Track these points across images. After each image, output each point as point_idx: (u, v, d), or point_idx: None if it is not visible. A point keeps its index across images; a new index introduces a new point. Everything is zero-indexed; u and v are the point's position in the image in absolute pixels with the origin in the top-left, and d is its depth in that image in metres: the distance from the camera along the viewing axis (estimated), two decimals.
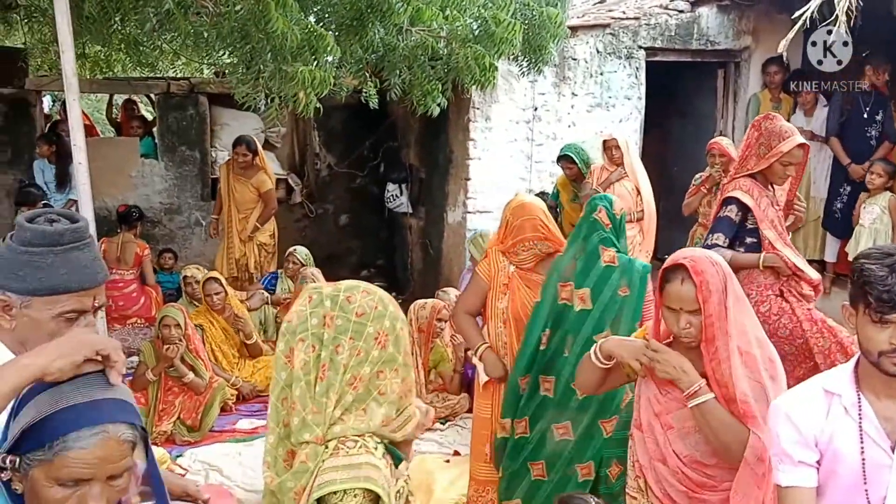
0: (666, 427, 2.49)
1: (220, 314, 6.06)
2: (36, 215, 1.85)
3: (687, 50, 7.61)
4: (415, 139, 8.66)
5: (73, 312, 1.82)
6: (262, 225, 7.52)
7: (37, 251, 1.77)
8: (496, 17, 4.90)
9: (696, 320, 2.38)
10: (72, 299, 1.80)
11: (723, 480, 2.44)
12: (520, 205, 3.77)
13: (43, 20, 7.52)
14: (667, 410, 2.48)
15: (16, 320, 1.81)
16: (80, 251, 1.81)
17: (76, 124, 3.55)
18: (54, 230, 1.79)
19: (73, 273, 1.79)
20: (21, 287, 1.78)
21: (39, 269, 1.77)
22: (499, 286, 3.80)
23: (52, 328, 1.80)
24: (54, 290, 1.78)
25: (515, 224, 3.70)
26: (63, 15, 3.38)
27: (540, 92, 7.25)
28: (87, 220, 1.90)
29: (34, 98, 8.65)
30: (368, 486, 1.70)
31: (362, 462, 1.72)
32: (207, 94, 8.81)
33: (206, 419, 5.27)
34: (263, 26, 3.72)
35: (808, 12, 6.21)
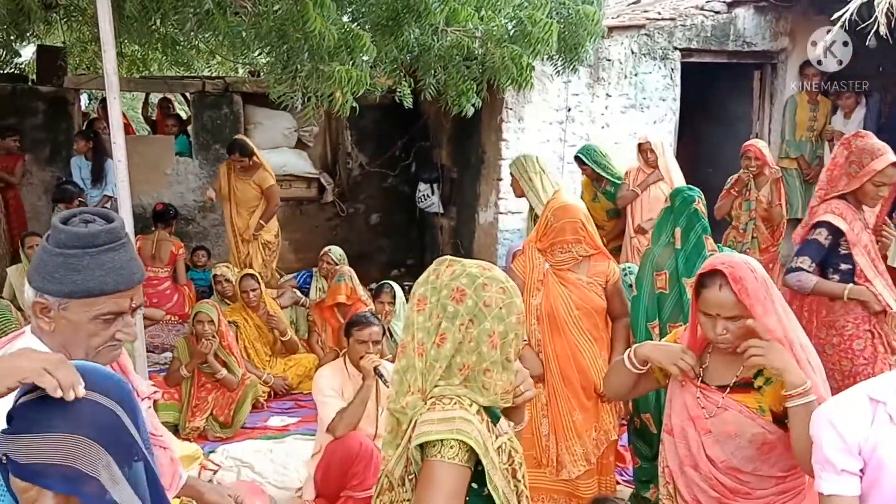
0: (702, 431, 2.46)
1: (254, 311, 6.10)
2: (71, 216, 1.83)
3: (723, 51, 7.54)
4: (447, 139, 8.66)
5: (110, 314, 1.81)
6: (266, 223, 7.43)
7: (72, 253, 1.75)
8: (532, 16, 4.88)
9: (734, 326, 2.36)
10: (108, 301, 1.79)
11: (756, 488, 2.42)
12: (562, 206, 3.77)
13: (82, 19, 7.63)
14: (706, 414, 2.45)
15: (55, 323, 1.80)
16: (116, 252, 1.79)
17: (116, 123, 3.59)
18: (88, 231, 1.77)
19: (109, 274, 1.77)
20: (58, 289, 1.76)
21: (75, 271, 1.75)
22: (534, 283, 3.81)
23: (90, 330, 1.80)
24: (90, 293, 1.76)
25: (556, 225, 3.71)
26: (105, 15, 3.42)
27: (574, 93, 7.22)
28: (122, 220, 1.88)
29: (72, 96, 8.78)
30: (461, 437, 1.80)
31: (456, 416, 1.82)
32: (242, 94, 8.89)
33: (239, 416, 5.30)
34: (301, 26, 3.74)
35: (847, 13, 6.14)
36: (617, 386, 2.76)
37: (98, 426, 1.42)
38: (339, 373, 4.20)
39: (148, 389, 2.08)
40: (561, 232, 3.69)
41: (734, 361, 2.42)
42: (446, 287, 1.90)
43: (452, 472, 1.81)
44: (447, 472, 1.80)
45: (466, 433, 1.80)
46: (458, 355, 1.87)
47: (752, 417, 2.40)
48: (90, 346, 1.81)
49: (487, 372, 1.87)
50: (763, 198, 6.17)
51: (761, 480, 2.43)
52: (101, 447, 1.40)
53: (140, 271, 1.86)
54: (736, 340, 2.37)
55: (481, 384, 1.87)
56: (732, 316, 2.35)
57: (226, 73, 10.48)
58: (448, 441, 1.80)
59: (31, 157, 8.50)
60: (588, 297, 3.77)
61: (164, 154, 8.90)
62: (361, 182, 9.48)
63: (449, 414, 1.83)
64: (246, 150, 7.32)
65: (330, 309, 6.04)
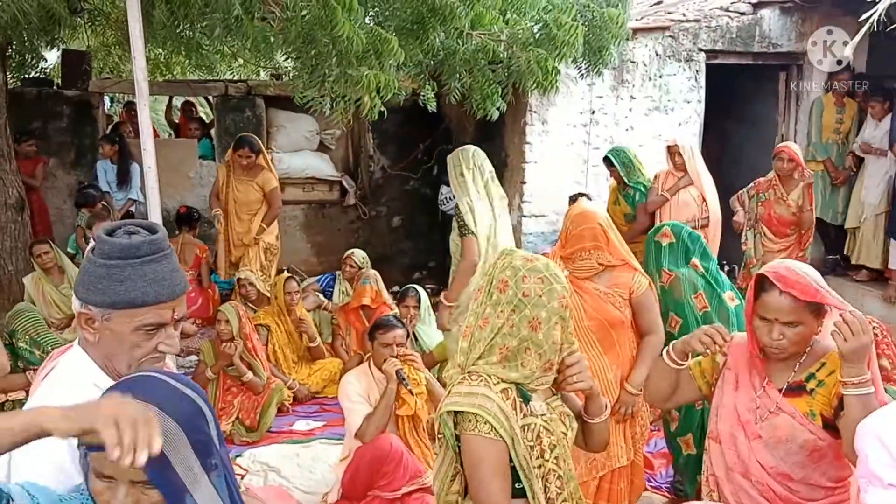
0: (752, 437, 2.45)
1: (290, 314, 6.13)
2: (116, 227, 1.85)
3: (748, 52, 7.49)
4: (469, 142, 8.62)
5: (152, 325, 1.81)
6: (268, 226, 7.21)
7: (115, 264, 1.77)
8: (558, 20, 4.86)
9: (790, 332, 2.37)
10: (150, 312, 1.79)
11: (806, 498, 2.40)
12: (580, 213, 3.67)
13: (106, 23, 7.70)
14: (757, 418, 2.45)
15: (99, 334, 1.81)
16: (158, 263, 1.80)
17: (146, 129, 3.60)
18: (131, 243, 1.78)
19: (151, 285, 1.78)
20: (101, 300, 1.78)
21: (118, 281, 1.76)
22: None
23: (132, 341, 1.80)
24: (132, 303, 1.77)
25: (574, 232, 3.60)
26: (136, 23, 3.43)
27: (598, 95, 7.19)
28: (165, 232, 1.89)
29: (97, 100, 8.84)
30: (479, 412, 2.04)
31: (478, 392, 2.07)
32: (264, 97, 8.91)
33: (264, 420, 5.32)
34: (330, 31, 3.74)
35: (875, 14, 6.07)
36: (655, 388, 2.71)
37: (179, 406, 1.48)
38: (364, 377, 4.19)
39: None
40: (579, 239, 3.57)
41: (786, 366, 2.44)
42: (495, 278, 2.15)
43: (487, 445, 2.05)
44: (482, 444, 2.05)
45: (485, 408, 2.04)
46: (497, 337, 2.10)
47: (803, 423, 2.40)
48: (133, 358, 1.82)
49: (527, 351, 2.09)
50: (792, 202, 6.12)
51: (811, 490, 2.41)
52: (182, 431, 1.45)
53: (182, 283, 1.87)
54: (791, 347, 2.39)
55: (519, 362, 2.09)
56: (789, 321, 2.36)
57: (248, 76, 10.52)
58: (478, 416, 2.04)
59: (56, 160, 8.57)
60: (603, 309, 3.57)
61: (187, 157, 8.95)
62: (383, 185, 9.49)
63: (473, 390, 2.08)
64: (255, 146, 7.14)
65: (355, 312, 6.04)
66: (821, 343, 2.48)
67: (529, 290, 2.09)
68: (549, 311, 2.08)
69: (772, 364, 2.48)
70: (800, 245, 6.28)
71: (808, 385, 2.43)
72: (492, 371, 2.09)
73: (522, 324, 2.08)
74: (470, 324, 2.17)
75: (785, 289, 2.35)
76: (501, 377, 2.09)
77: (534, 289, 2.09)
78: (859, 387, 2.28)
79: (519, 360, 2.09)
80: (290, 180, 9.14)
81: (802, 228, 6.21)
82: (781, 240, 6.26)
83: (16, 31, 4.00)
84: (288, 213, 9.28)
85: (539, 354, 2.09)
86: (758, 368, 2.50)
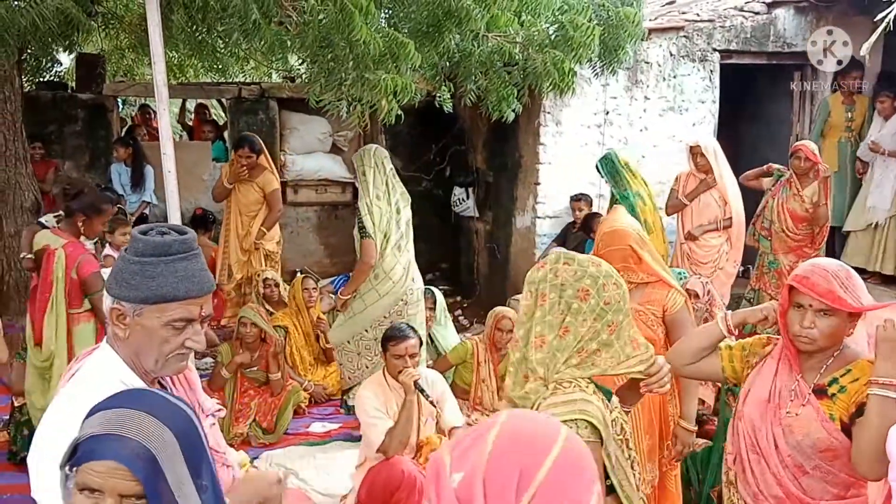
0: (775, 423, 2.49)
1: (309, 312, 6.16)
2: (149, 228, 1.93)
3: (763, 52, 7.45)
4: (482, 143, 8.64)
5: (181, 321, 1.88)
6: (269, 230, 6.97)
7: (148, 261, 1.85)
8: (574, 21, 4.85)
9: (822, 322, 2.39)
10: (180, 307, 1.86)
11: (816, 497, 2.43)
12: (610, 232, 3.49)
13: (119, 27, 7.72)
14: (784, 406, 2.48)
15: (129, 329, 1.88)
16: (188, 261, 1.88)
17: (166, 133, 3.61)
18: (163, 241, 1.86)
19: (182, 281, 1.86)
20: (133, 295, 1.85)
21: (150, 277, 1.84)
22: None
23: (162, 336, 1.87)
24: (163, 298, 1.84)
25: (603, 253, 3.39)
26: (155, 27, 3.45)
27: (612, 96, 7.18)
28: (194, 234, 1.97)
29: (111, 103, 8.88)
30: (584, 416, 2.06)
31: (577, 398, 2.10)
32: (277, 99, 8.93)
33: (281, 422, 5.34)
34: (347, 35, 3.74)
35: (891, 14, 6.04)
36: (686, 349, 2.77)
37: (175, 419, 1.46)
38: (380, 389, 4.13)
39: (213, 406, 2.11)
40: (608, 259, 3.26)
41: (814, 366, 2.47)
42: (571, 287, 2.16)
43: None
44: None
45: (588, 412, 2.07)
46: (579, 344, 2.15)
47: (823, 421, 2.41)
48: (161, 353, 1.88)
49: (598, 353, 2.16)
50: (806, 198, 6.11)
51: (823, 489, 2.42)
52: (175, 440, 1.42)
53: (210, 281, 1.95)
54: (821, 339, 2.40)
55: (591, 363, 2.16)
56: (823, 309, 2.37)
57: (260, 79, 10.55)
58: (573, 421, 2.05)
59: (71, 163, 8.62)
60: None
61: (201, 160, 8.98)
62: None
63: (570, 397, 2.10)
64: (255, 146, 6.86)
65: None
66: (851, 349, 2.49)
67: (611, 297, 2.16)
68: (624, 314, 2.18)
69: (803, 362, 2.49)
70: (813, 244, 6.24)
71: (829, 389, 2.44)
72: (577, 374, 2.15)
73: (603, 329, 2.15)
74: (541, 333, 2.17)
75: (804, 290, 2.38)
76: (586, 378, 2.16)
77: (613, 295, 2.16)
78: (885, 388, 2.27)
79: (591, 360, 2.16)
80: (303, 182, 9.17)
81: (817, 225, 6.17)
82: (792, 235, 6.23)
83: (35, 35, 4.00)
84: (301, 214, 9.30)
85: (613, 353, 2.17)
86: (794, 362, 2.51)
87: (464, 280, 9.22)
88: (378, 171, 5.34)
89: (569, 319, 2.15)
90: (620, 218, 3.75)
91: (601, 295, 2.15)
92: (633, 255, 3.41)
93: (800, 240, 6.23)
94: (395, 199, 5.31)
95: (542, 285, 2.19)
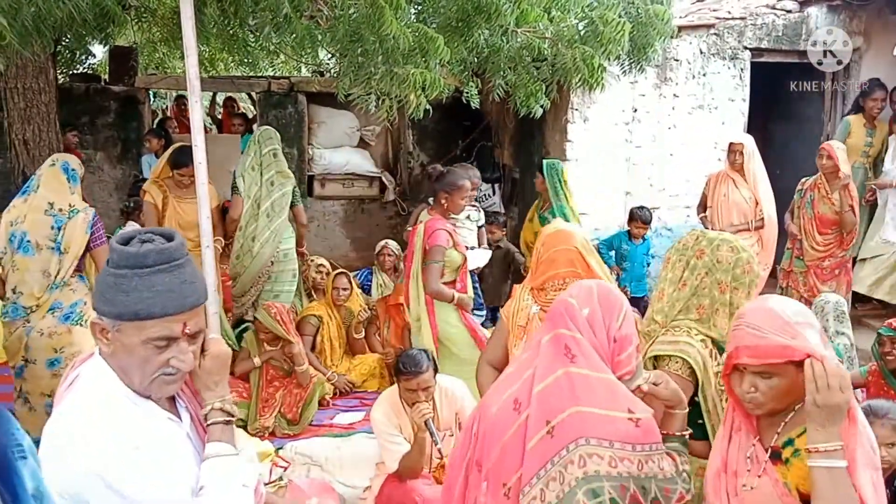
0: (732, 493, 2.12)
1: (338, 310, 6.19)
2: (131, 236, 1.77)
3: (794, 51, 7.38)
4: (509, 139, 8.64)
5: (160, 339, 1.73)
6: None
7: (122, 273, 1.70)
8: (604, 16, 4.84)
9: (763, 384, 2.02)
10: (158, 325, 1.71)
11: None
12: (554, 233, 3.16)
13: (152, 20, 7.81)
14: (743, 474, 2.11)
15: (112, 345, 1.74)
16: (167, 274, 1.71)
17: (197, 125, 3.65)
18: (137, 252, 1.71)
19: (157, 297, 1.69)
20: (109, 311, 1.71)
21: (123, 292, 1.69)
22: (515, 328, 3.14)
23: (141, 355, 1.73)
24: (136, 315, 1.69)
25: (546, 257, 3.10)
26: (189, 20, 3.49)
27: (640, 93, 7.15)
28: (182, 241, 1.79)
29: (143, 96, 8.98)
30: (682, 355, 2.49)
31: (681, 340, 2.53)
32: (306, 93, 8.99)
33: (306, 413, 5.37)
34: (377, 29, 3.77)
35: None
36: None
37: None
38: (392, 411, 4.02)
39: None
40: (552, 264, 3.07)
41: (772, 425, 2.10)
42: (690, 249, 2.63)
43: (678, 382, 2.33)
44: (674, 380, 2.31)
45: (687, 353, 2.47)
46: (694, 297, 2.57)
47: (781, 494, 2.01)
48: (144, 373, 1.75)
49: (717, 312, 2.54)
50: (836, 200, 6.04)
51: None
52: None
53: (195, 295, 1.77)
54: (768, 403, 2.03)
55: (712, 322, 2.54)
56: (760, 372, 2.01)
57: (290, 73, 10.61)
58: (673, 357, 2.49)
59: (103, 154, 8.73)
60: None
61: (230, 153, 9.04)
62: (422, 181, 9.50)
63: (676, 338, 2.54)
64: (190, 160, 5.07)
65: (396, 307, 6.07)
66: None
67: (722, 256, 2.55)
68: (733, 276, 2.53)
69: (760, 419, 2.12)
70: (841, 245, 6.18)
71: (784, 452, 2.04)
72: (692, 325, 2.54)
73: (714, 285, 2.54)
74: (662, 289, 2.64)
75: (737, 357, 2.05)
76: (702, 331, 2.53)
77: (726, 256, 2.55)
78: (826, 457, 1.87)
79: (712, 321, 2.53)
80: (330, 176, 9.23)
81: (844, 230, 6.10)
82: (821, 238, 6.17)
83: (70, 27, 4.07)
84: (328, 208, 9.36)
85: (728, 315, 2.49)
86: (745, 423, 2.15)
87: None
88: (259, 147, 6.10)
89: (686, 274, 2.59)
90: (564, 223, 3.47)
91: (714, 254, 2.57)
92: (579, 258, 3.12)
93: (829, 244, 6.17)
94: (270, 176, 6.05)
95: (671, 253, 2.68)
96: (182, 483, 1.77)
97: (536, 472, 2.01)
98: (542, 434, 2.04)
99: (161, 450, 1.75)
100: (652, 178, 7.32)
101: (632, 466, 1.99)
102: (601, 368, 2.07)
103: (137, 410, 1.77)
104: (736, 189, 6.15)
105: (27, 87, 6.62)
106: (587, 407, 2.02)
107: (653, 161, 7.29)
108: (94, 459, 1.64)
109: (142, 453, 1.69)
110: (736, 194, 6.10)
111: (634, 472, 1.99)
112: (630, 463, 1.99)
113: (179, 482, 1.76)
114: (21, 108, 6.61)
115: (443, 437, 3.89)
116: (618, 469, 1.97)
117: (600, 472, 1.96)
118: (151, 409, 1.80)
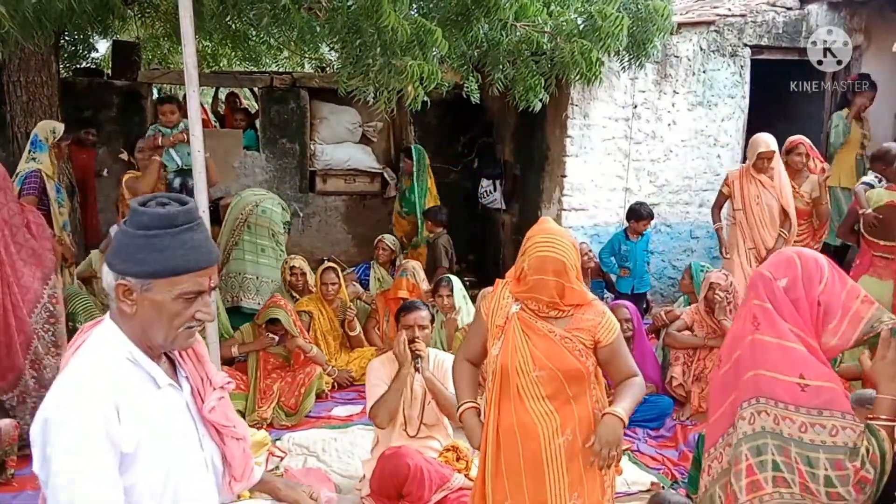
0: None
1: (329, 304, 6.21)
2: (147, 200, 1.87)
3: (794, 48, 7.39)
4: (510, 135, 8.66)
5: (191, 293, 1.84)
6: None
7: (153, 234, 1.79)
8: (602, 11, 4.87)
9: None
10: (190, 279, 1.82)
11: None
12: (540, 258, 2.85)
13: (155, 15, 7.85)
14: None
15: (137, 305, 1.82)
16: (194, 232, 1.83)
17: (195, 115, 3.68)
18: (167, 212, 1.80)
19: (190, 253, 1.81)
20: (141, 270, 1.79)
21: (158, 251, 1.78)
22: (493, 327, 3.01)
23: (172, 310, 1.83)
24: (174, 271, 1.80)
25: (531, 279, 2.87)
26: (186, 11, 3.52)
27: (640, 89, 7.16)
28: (194, 202, 1.92)
29: (146, 90, 9.01)
30: None
31: None
32: (308, 89, 9.02)
33: (304, 404, 5.40)
34: (375, 21, 3.79)
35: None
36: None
37: None
38: (388, 363, 4.18)
39: (222, 379, 2.09)
40: (534, 289, 2.88)
41: None
42: None
43: None
44: None
45: None
46: None
47: None
48: (171, 327, 1.85)
49: None
50: (805, 193, 6.18)
51: None
52: None
53: (215, 250, 1.91)
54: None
55: None
56: None
57: (292, 69, 10.64)
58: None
59: (106, 149, 8.76)
60: (557, 356, 2.87)
61: (232, 148, 9.07)
62: None
63: None
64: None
65: (395, 301, 6.10)
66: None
67: None
68: None
69: None
70: (814, 237, 6.41)
71: None
72: None
73: None
74: None
75: None
76: None
77: None
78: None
79: None
80: (332, 172, 9.26)
81: (820, 220, 6.33)
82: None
83: (71, 20, 4.10)
84: (329, 203, 9.39)
85: None
86: None
87: (490, 272, 9.23)
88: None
89: None
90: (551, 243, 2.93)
91: None
92: (562, 288, 2.89)
93: (802, 234, 6.33)
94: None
95: None
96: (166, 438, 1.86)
97: (723, 433, 2.40)
98: (730, 399, 2.40)
99: (146, 414, 1.82)
100: (651, 175, 7.34)
101: (793, 427, 2.23)
102: (784, 335, 2.29)
103: (135, 374, 1.85)
104: (766, 191, 6.14)
105: (30, 80, 6.67)
106: (763, 370, 2.30)
107: (652, 157, 7.31)
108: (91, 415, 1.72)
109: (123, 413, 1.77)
110: (767, 196, 6.11)
111: (796, 435, 2.22)
112: (791, 423, 2.23)
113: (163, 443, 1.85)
114: (24, 101, 6.66)
115: (429, 401, 4.05)
116: (780, 427, 2.25)
117: (766, 428, 2.27)
118: (157, 372, 1.89)
